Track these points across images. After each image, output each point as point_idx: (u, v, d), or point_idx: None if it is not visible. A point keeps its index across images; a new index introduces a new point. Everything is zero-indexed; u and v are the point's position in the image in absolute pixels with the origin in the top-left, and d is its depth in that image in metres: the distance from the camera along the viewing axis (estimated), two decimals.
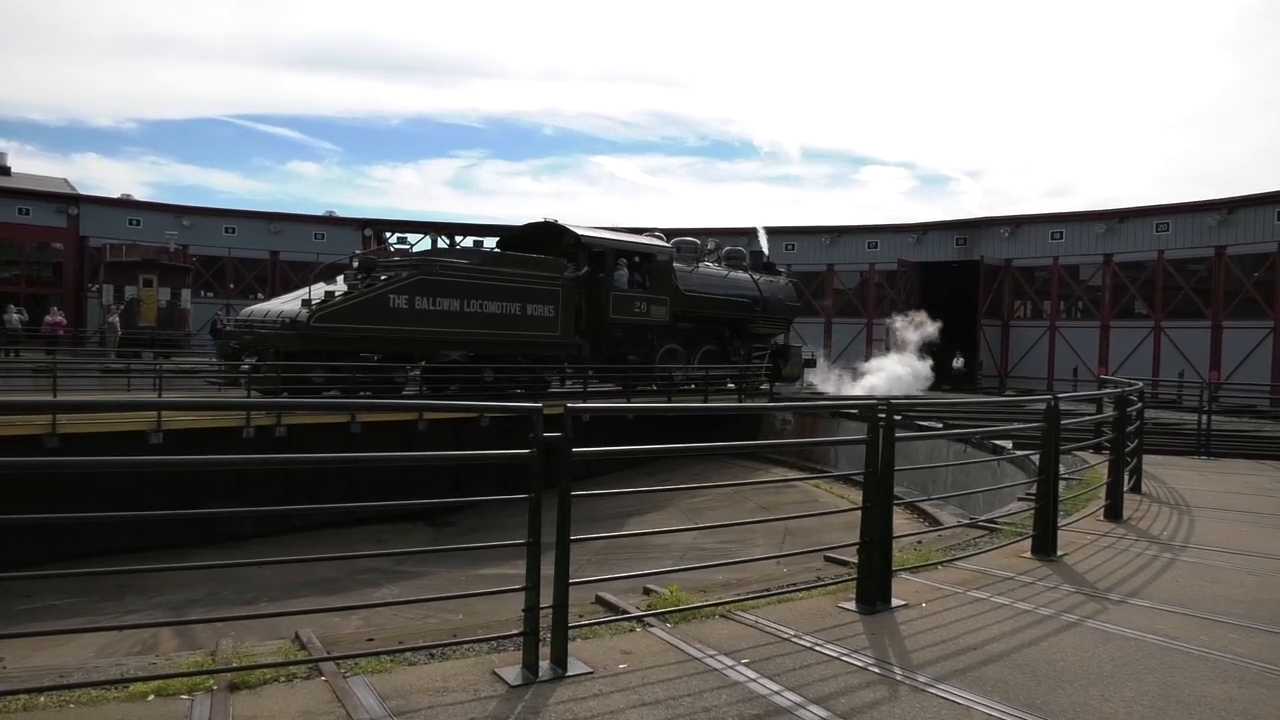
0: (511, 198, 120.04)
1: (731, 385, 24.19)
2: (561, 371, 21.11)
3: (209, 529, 14.02)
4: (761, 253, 28.01)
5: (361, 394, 16.76)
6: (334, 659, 4.24)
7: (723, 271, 25.55)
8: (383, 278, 17.61)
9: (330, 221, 45.22)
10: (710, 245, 27.24)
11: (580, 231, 21.52)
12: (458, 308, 18.18)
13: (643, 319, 22.29)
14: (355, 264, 18.63)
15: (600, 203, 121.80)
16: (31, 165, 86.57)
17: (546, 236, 21.84)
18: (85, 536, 12.46)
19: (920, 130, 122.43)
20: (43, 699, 3.73)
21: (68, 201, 39.75)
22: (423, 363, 18.68)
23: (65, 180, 44.33)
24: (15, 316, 28.97)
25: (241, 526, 14.46)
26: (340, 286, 17.57)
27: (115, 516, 11.49)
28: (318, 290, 17.46)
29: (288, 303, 17.57)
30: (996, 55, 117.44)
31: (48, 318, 28.97)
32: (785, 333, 27.41)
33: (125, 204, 42.09)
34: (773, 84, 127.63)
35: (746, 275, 25.99)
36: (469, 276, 18.50)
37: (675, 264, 23.44)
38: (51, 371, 15.54)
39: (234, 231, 42.08)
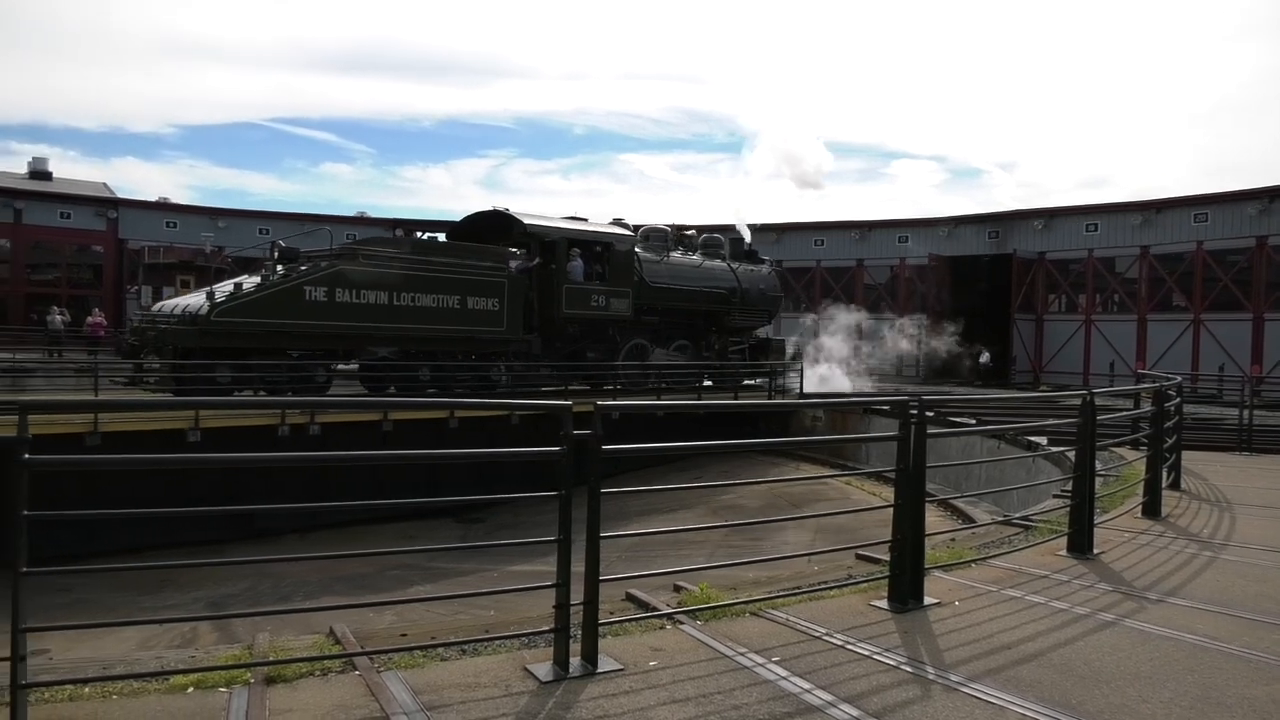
0: (541, 196, 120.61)
1: (709, 383, 22.92)
2: (511, 370, 19.68)
3: (246, 525, 14.25)
4: (742, 240, 26.25)
5: (289, 393, 15.98)
6: (368, 654, 4.29)
7: (695, 260, 23.83)
8: (303, 268, 16.38)
9: (362, 222, 45.64)
10: (690, 233, 25.57)
11: (528, 220, 20.18)
12: (385, 300, 16.80)
13: (600, 313, 20.74)
14: (275, 254, 17.11)
15: (630, 200, 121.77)
16: (73, 170, 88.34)
17: (496, 226, 20.54)
18: (126, 532, 12.72)
19: (951, 123, 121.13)
20: (87, 690, 3.81)
21: (107, 205, 40.48)
22: (354, 361, 17.74)
23: (105, 184, 45.14)
24: (58, 318, 29.57)
25: (277, 523, 14.67)
26: (253, 279, 16.24)
27: (154, 513, 11.71)
28: (250, 283, 16.03)
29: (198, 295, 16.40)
30: (1030, 45, 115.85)
31: (89, 319, 29.55)
32: (767, 325, 26.03)
33: (163, 207, 42.79)
34: (801, 79, 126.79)
35: (723, 264, 24.26)
36: (398, 267, 17.14)
37: (641, 253, 21.98)
38: (93, 371, 15.84)
39: (267, 232, 42.50)
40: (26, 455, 3.20)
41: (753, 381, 24.23)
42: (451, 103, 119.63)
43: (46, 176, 42.46)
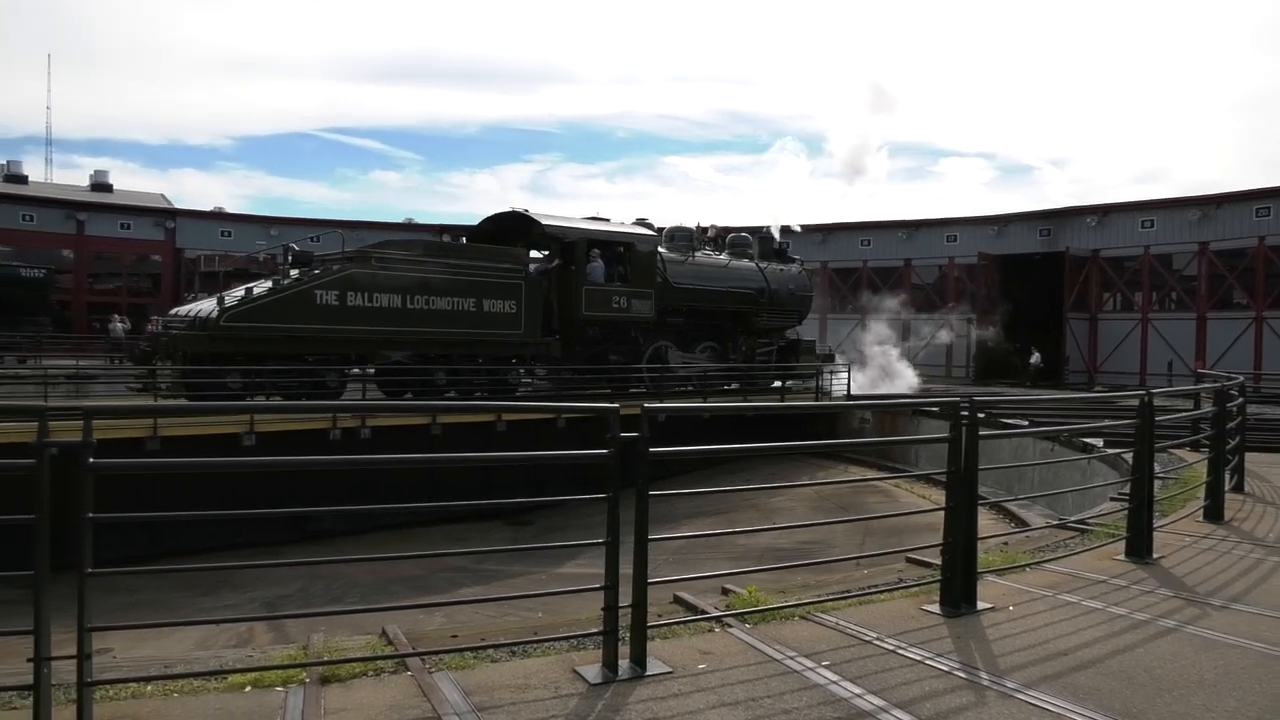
0: (586, 200, 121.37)
1: (735, 386, 22.51)
2: (531, 373, 19.24)
3: (299, 527, 14.50)
4: (772, 239, 25.46)
5: (303, 399, 15.67)
6: (419, 654, 4.35)
7: (722, 260, 23.21)
8: (316, 272, 16.17)
9: (409, 228, 46.29)
10: (711, 232, 24.87)
11: (547, 221, 19.74)
12: (399, 304, 16.52)
13: (622, 315, 20.21)
14: (289, 258, 16.99)
15: (674, 203, 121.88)
16: (133, 182, 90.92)
17: (515, 228, 20.16)
18: (185, 534, 13.04)
19: (1000, 119, 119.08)
20: (149, 688, 3.92)
21: (165, 215, 41.67)
22: (371, 366, 17.48)
23: (163, 195, 46.46)
24: (119, 325, 30.46)
25: (330, 525, 14.90)
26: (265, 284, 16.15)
27: (212, 515, 11.99)
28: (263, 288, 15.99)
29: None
30: (1081, 37, 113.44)
31: (149, 327, 30.39)
32: (797, 326, 25.31)
33: (218, 216, 43.87)
34: (848, 77, 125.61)
35: (751, 264, 23.60)
36: (412, 270, 16.82)
37: (664, 253, 21.46)
38: (152, 377, 16.25)
39: (318, 240, 43.16)
40: (91, 459, 3.30)
41: (780, 384, 23.58)
42: (498, 109, 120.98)
43: (108, 189, 43.86)
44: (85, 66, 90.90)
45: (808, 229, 40.55)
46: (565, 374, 19.65)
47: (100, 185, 43.96)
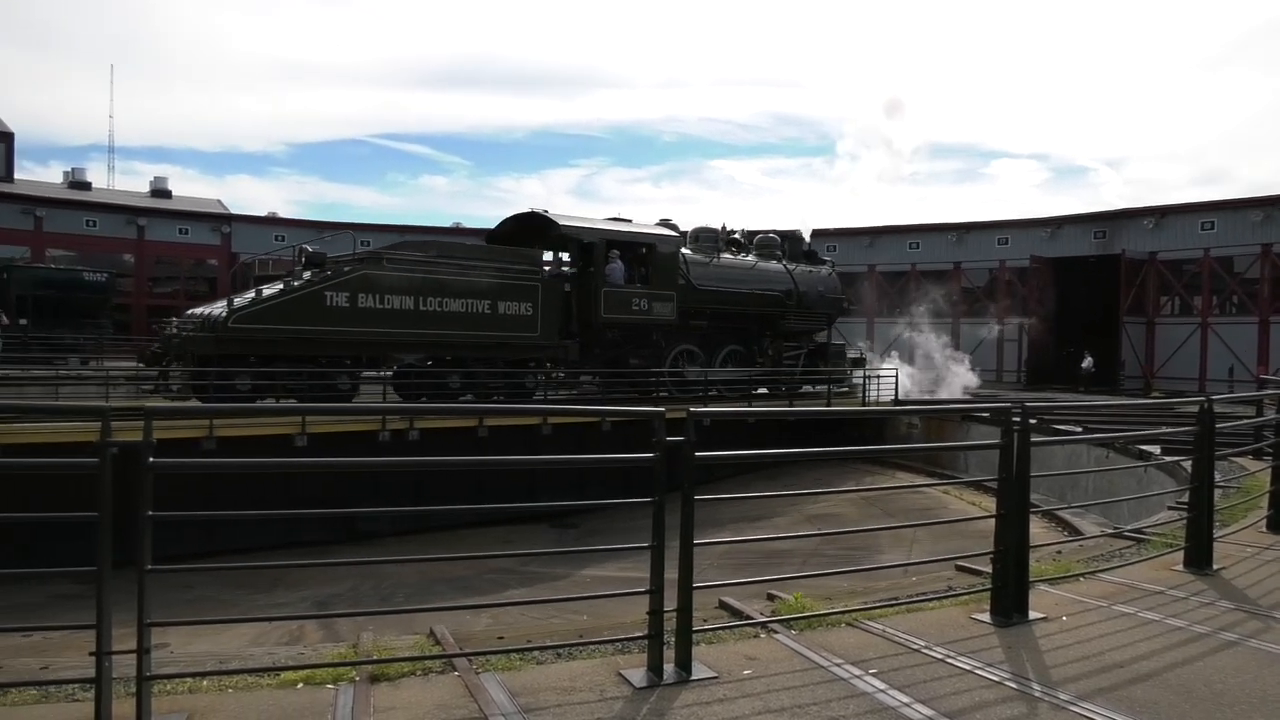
0: (631, 204, 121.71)
1: (763, 390, 22.06)
2: (549, 376, 18.92)
3: (349, 528, 14.73)
4: (801, 240, 24.89)
5: (316, 401, 15.53)
6: (466, 655, 4.39)
7: (749, 262, 22.69)
8: (327, 273, 16.04)
9: (457, 232, 46.79)
10: (737, 234, 24.16)
11: (564, 221, 19.42)
12: (411, 306, 16.35)
13: (642, 317, 19.75)
14: (302, 259, 16.88)
15: (720, 206, 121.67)
16: (191, 189, 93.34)
17: (533, 229, 19.89)
18: (239, 532, 13.32)
19: (1053, 120, 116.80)
20: (205, 683, 4.01)
21: (221, 221, 42.71)
22: (387, 369, 17.42)
23: (219, 201, 47.62)
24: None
25: (379, 526, 15.11)
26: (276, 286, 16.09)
27: (266, 515, 12.25)
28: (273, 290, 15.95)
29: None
30: (1140, 37, 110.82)
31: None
32: (827, 329, 24.71)
33: (271, 221, 44.85)
34: (894, 79, 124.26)
35: (778, 266, 23.08)
36: (424, 271, 16.64)
37: (688, 254, 21.01)
38: (208, 379, 16.61)
39: (368, 244, 43.97)
40: (151, 459, 3.40)
41: (811, 389, 23.20)
42: (545, 114, 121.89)
43: (167, 195, 45.13)
44: (139, 78, 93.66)
45: (855, 232, 40.27)
46: (583, 379, 19.30)
47: (160, 191, 45.24)
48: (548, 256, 20.55)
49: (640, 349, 20.49)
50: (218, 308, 15.51)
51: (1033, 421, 5.14)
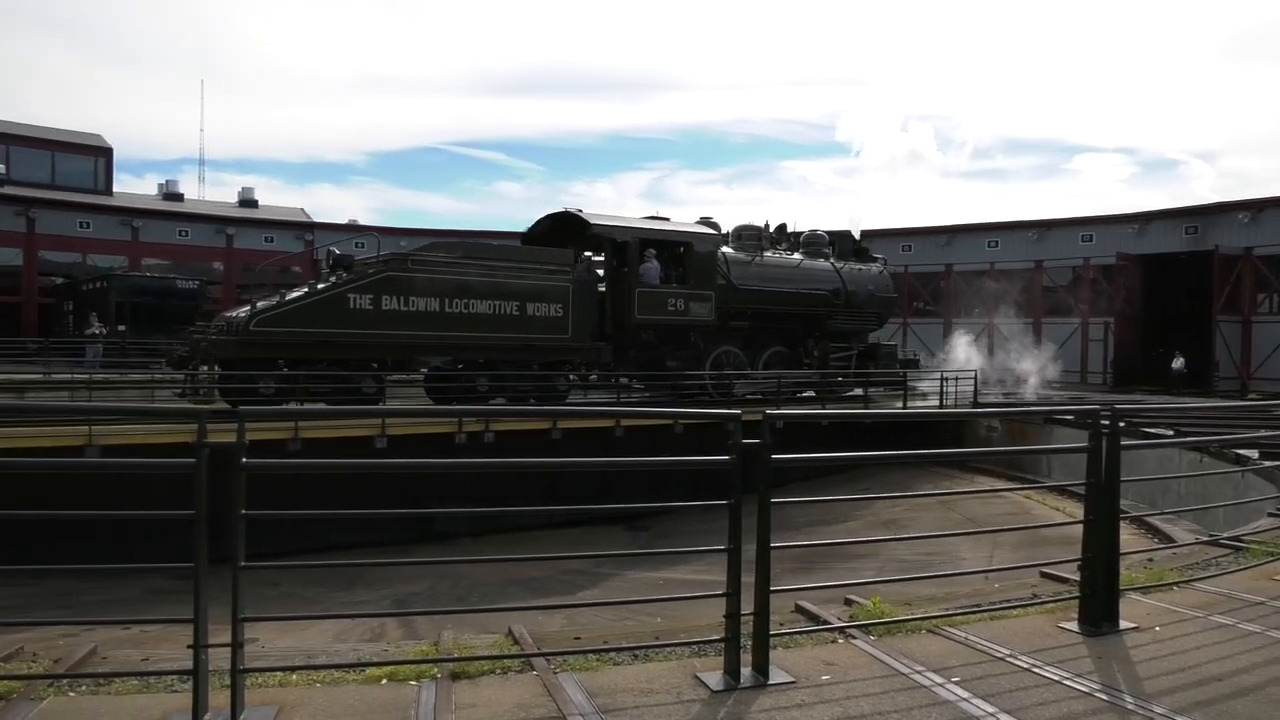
0: (703, 206, 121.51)
1: (811, 394, 21.46)
2: (584, 379, 18.48)
3: (427, 528, 15.03)
4: (850, 236, 23.95)
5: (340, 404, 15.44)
6: (544, 655, 4.44)
7: (793, 260, 21.90)
8: (350, 276, 15.91)
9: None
10: (783, 231, 23.34)
11: (597, 220, 18.93)
12: (437, 308, 16.07)
13: (679, 318, 19.15)
14: (330, 262, 16.75)
15: (794, 207, 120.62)
16: (276, 198, 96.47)
17: (567, 228, 19.45)
18: (322, 531, 13.71)
19: (1141, 112, 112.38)
20: (294, 677, 4.14)
21: (304, 229, 44.14)
22: (417, 371, 17.14)
23: (302, 209, 49.23)
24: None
25: (456, 526, 15.37)
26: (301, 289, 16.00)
27: (349, 514, 12.59)
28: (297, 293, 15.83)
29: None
30: (1230, 27, 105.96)
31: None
32: (877, 329, 23.79)
33: (351, 228, 46.09)
34: (971, 74, 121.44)
35: (826, 264, 22.27)
36: (450, 273, 16.36)
37: (729, 253, 20.45)
38: (295, 382, 17.13)
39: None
40: (244, 459, 3.53)
41: (859, 392, 22.60)
42: (615, 118, 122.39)
43: (253, 204, 46.90)
44: (227, 92, 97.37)
45: (931, 231, 39.48)
46: (618, 380, 18.94)
47: (247, 201, 47.02)
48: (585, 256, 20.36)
49: (677, 351, 19.92)
50: (243, 311, 15.56)
51: (1122, 424, 4.96)
